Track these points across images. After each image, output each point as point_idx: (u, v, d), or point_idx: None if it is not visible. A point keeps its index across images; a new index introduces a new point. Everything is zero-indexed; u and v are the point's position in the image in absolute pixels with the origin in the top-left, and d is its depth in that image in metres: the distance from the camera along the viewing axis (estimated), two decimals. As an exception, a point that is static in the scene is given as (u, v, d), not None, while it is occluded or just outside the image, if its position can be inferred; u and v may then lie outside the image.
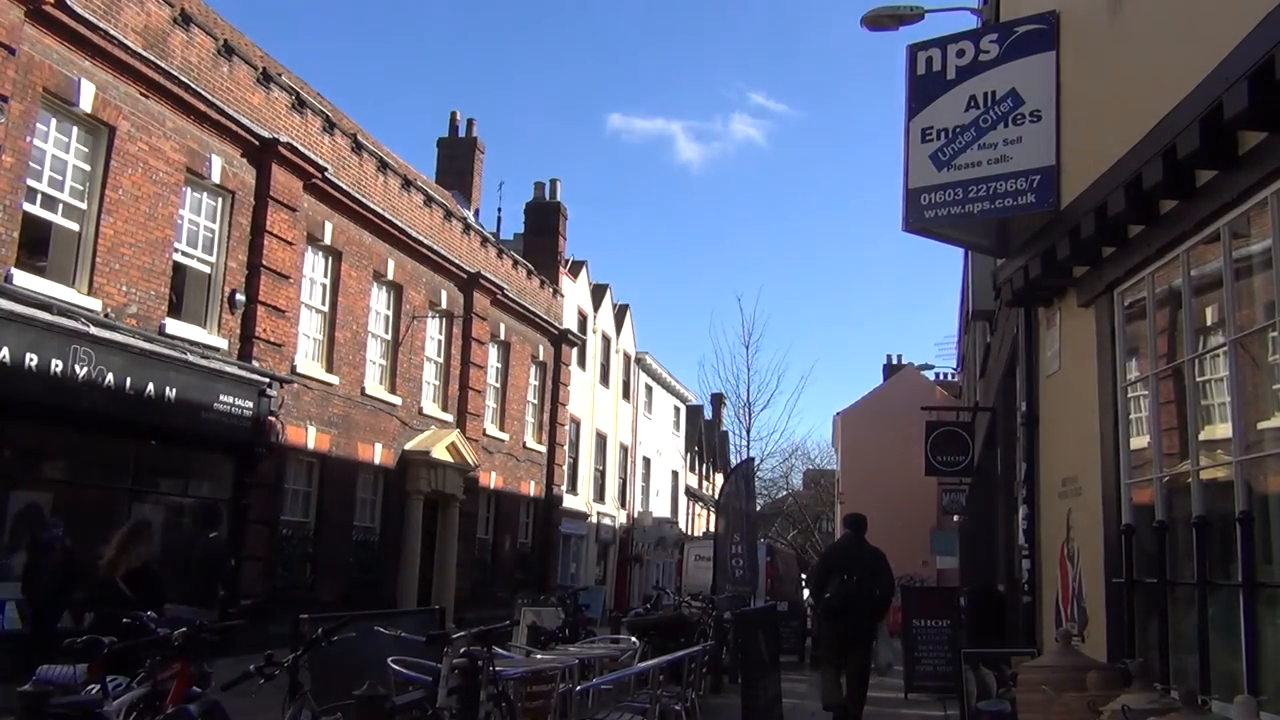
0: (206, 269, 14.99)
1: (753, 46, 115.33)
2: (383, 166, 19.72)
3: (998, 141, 7.39)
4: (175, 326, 14.04)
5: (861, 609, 10.28)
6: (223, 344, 14.99)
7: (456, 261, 22.31)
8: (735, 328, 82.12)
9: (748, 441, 32.62)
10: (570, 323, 30.46)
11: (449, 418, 22.33)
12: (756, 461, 31.38)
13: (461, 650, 6.20)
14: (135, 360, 12.99)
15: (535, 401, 28.10)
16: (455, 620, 18.34)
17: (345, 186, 18.04)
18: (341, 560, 18.41)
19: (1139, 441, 6.10)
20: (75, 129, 12.59)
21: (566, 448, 30.32)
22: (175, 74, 13.74)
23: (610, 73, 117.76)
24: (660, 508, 43.36)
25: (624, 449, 38.27)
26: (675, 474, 46.84)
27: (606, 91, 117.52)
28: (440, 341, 22.53)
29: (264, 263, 15.68)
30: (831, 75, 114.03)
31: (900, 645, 15.18)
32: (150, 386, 13.24)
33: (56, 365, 11.78)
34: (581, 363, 32.54)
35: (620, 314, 37.90)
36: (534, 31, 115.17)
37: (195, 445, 14.73)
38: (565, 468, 30.22)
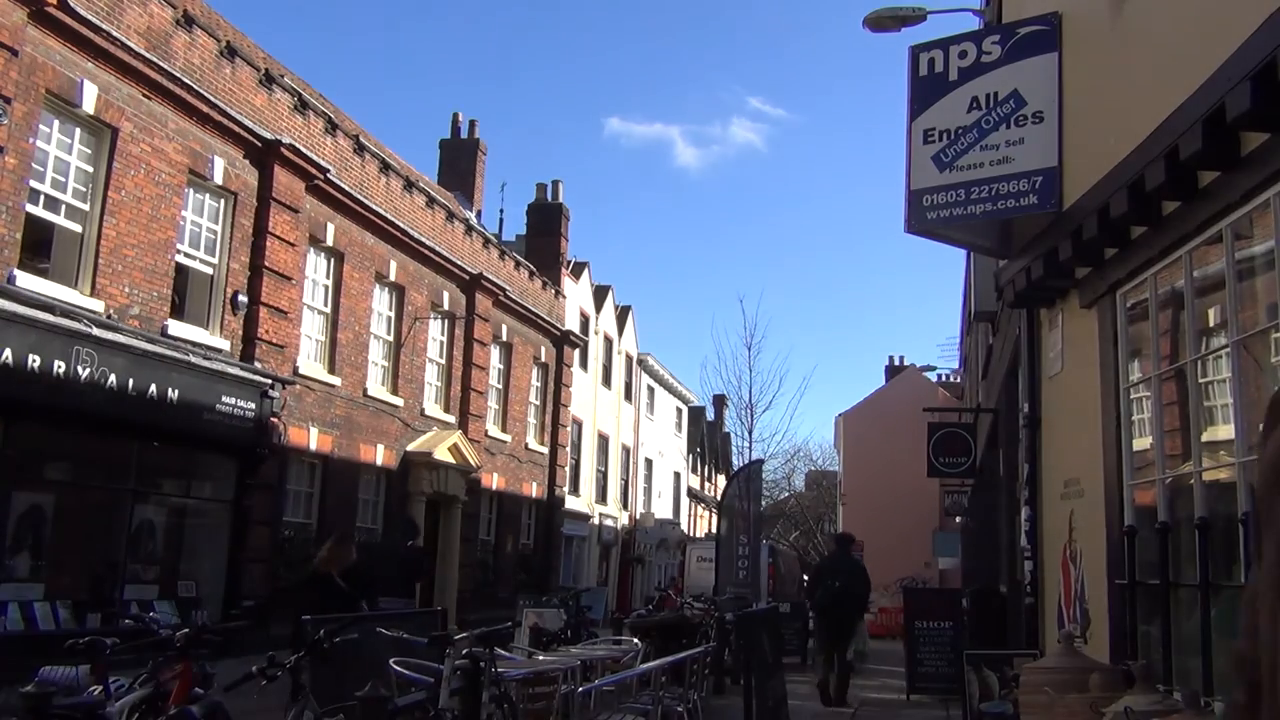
0: (209, 270, 15.00)
1: (750, 51, 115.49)
2: (385, 168, 19.73)
3: (1000, 143, 7.40)
4: (178, 328, 14.06)
5: (843, 606, 12.97)
6: (225, 345, 15.00)
7: (458, 263, 22.32)
8: (737, 329, 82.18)
9: (750, 443, 32.63)
10: (572, 324, 30.47)
11: (451, 419, 22.33)
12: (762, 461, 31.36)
13: (464, 651, 6.20)
14: (138, 361, 13.00)
15: (537, 403, 28.10)
16: (457, 621, 18.34)
17: (347, 188, 18.05)
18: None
19: (1141, 443, 6.10)
20: (78, 130, 12.61)
21: (569, 449, 30.31)
22: (178, 75, 13.76)
23: (606, 77, 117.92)
24: (662, 509, 43.36)
25: (626, 450, 38.26)
26: (677, 475, 46.83)
27: (603, 96, 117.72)
28: (442, 343, 22.53)
29: (266, 264, 15.69)
30: (829, 79, 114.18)
31: (867, 634, 16.16)
32: (153, 388, 13.25)
33: (59, 367, 11.79)
34: (584, 364, 32.53)
35: (622, 315, 37.90)
36: (530, 37, 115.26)
37: (198, 446, 14.74)
38: (567, 469, 30.22)
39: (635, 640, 10.21)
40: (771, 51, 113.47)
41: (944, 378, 42.23)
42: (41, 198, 12.13)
